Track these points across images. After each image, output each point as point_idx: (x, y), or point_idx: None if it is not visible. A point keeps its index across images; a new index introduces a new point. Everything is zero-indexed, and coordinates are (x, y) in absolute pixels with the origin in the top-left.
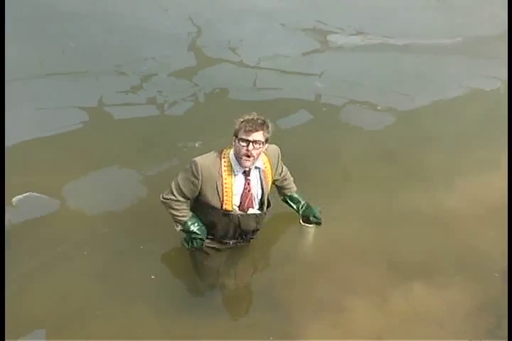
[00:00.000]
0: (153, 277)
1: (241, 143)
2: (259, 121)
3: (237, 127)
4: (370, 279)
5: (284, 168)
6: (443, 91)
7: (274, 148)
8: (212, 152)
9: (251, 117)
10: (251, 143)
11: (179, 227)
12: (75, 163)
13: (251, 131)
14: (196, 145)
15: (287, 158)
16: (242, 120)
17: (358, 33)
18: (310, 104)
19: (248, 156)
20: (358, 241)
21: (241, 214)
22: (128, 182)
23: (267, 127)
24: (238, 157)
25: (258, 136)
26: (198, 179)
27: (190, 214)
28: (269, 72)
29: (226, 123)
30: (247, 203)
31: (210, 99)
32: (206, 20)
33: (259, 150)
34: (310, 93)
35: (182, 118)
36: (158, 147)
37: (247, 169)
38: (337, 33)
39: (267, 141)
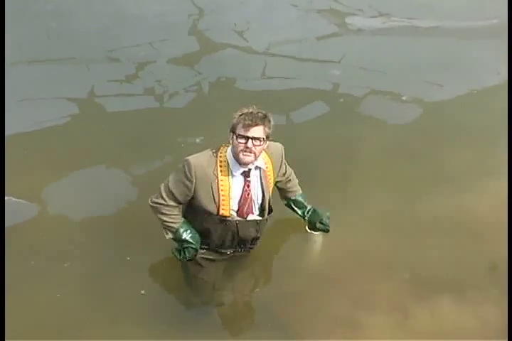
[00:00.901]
0: (142, 292)
1: (239, 139)
2: (259, 114)
3: (234, 121)
4: (391, 294)
5: (288, 168)
6: (476, 79)
7: (277, 146)
8: (208, 150)
9: (250, 110)
10: (250, 140)
11: (169, 235)
12: (58, 162)
13: (250, 126)
14: (197, 140)
15: (298, 156)
16: (240, 113)
17: (380, 15)
18: (326, 95)
19: (248, 151)
20: (376, 251)
21: (239, 221)
22: (116, 184)
23: (269, 122)
24: (236, 154)
25: (258, 131)
26: (190, 181)
27: (182, 220)
28: (280, 58)
29: (232, 116)
30: (246, 208)
31: (214, 89)
32: (208, 0)
33: (260, 147)
34: (326, 82)
35: (183, 110)
36: (154, 143)
37: (247, 169)
38: (356, 14)
39: (268, 137)
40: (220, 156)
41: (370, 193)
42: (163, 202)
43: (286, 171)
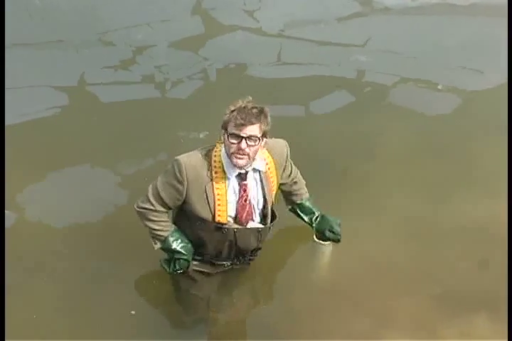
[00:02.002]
0: (133, 313)
1: (231, 139)
2: (254, 110)
3: (225, 118)
4: (415, 310)
5: (294, 168)
6: None
7: (279, 142)
8: (201, 148)
9: (243, 105)
10: (244, 140)
11: (158, 245)
12: (38, 161)
13: (243, 125)
14: (201, 136)
15: (314, 153)
16: (232, 108)
17: None
18: (350, 83)
19: (241, 153)
20: (398, 262)
21: (238, 229)
22: (103, 185)
23: (265, 118)
24: (228, 156)
25: (253, 129)
26: (181, 183)
27: (173, 227)
28: (297, 42)
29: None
30: (244, 215)
31: (222, 76)
32: None
33: (255, 148)
34: (350, 69)
35: (186, 101)
36: (151, 138)
37: (243, 171)
38: None
39: (264, 135)
40: (215, 156)
41: (389, 196)
42: (151, 207)
43: (291, 172)
